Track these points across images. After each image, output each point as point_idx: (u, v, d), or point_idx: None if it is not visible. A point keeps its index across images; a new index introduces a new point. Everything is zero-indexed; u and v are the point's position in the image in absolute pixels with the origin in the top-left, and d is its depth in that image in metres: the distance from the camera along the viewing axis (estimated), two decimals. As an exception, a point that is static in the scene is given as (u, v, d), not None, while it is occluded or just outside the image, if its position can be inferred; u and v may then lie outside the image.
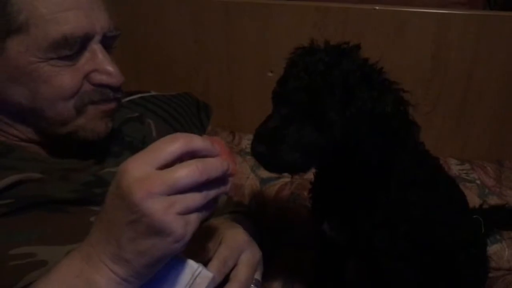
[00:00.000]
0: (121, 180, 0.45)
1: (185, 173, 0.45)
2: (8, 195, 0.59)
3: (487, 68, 1.38)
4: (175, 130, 1.33)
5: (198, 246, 0.61)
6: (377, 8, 1.37)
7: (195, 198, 0.46)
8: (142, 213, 0.43)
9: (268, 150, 0.58)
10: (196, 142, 0.48)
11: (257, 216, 1.03)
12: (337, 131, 0.59)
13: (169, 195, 0.44)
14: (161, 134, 0.99)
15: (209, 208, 0.49)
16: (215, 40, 1.51)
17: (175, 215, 0.44)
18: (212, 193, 0.48)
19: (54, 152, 0.71)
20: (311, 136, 0.60)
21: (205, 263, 0.60)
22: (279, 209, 1.22)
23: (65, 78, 0.64)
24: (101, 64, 0.67)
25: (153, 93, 1.46)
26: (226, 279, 0.62)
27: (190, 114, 1.48)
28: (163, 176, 0.44)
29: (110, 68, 0.67)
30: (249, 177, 1.31)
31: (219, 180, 0.49)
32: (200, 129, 1.50)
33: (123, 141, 0.82)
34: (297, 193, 1.25)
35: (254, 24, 1.45)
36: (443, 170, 0.79)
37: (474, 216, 0.89)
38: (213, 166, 0.47)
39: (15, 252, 0.56)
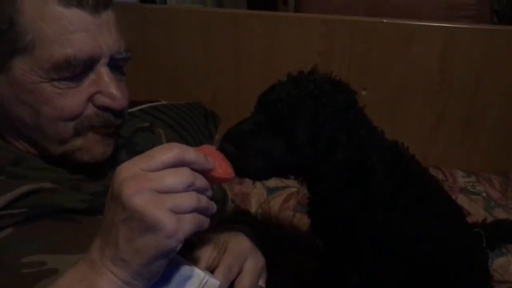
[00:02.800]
0: (113, 182, 0.47)
1: (174, 172, 0.47)
2: (22, 204, 0.61)
3: (493, 81, 1.39)
4: (183, 139, 1.35)
5: (203, 254, 0.63)
6: (384, 21, 1.39)
7: (186, 198, 0.47)
8: (134, 209, 0.45)
9: (236, 151, 0.59)
10: (190, 154, 0.49)
11: (263, 225, 1.05)
12: (304, 151, 0.61)
13: (158, 192, 0.46)
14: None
15: (207, 212, 0.51)
16: (224, 51, 1.53)
17: (165, 210, 0.45)
18: (204, 198, 0.50)
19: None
20: (277, 148, 0.61)
21: (211, 271, 0.62)
22: (285, 218, 1.23)
23: (67, 100, 0.64)
24: (105, 87, 0.66)
25: (163, 102, 1.48)
26: (230, 286, 0.63)
27: (198, 123, 1.49)
28: (152, 174, 0.46)
29: (114, 91, 0.66)
30: (256, 186, 1.32)
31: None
32: (208, 138, 1.51)
33: (134, 151, 0.82)
34: (303, 203, 1.25)
35: (262, 36, 1.47)
36: (435, 183, 0.79)
37: (475, 230, 0.89)
38: (199, 176, 0.49)
39: (27, 260, 0.57)
